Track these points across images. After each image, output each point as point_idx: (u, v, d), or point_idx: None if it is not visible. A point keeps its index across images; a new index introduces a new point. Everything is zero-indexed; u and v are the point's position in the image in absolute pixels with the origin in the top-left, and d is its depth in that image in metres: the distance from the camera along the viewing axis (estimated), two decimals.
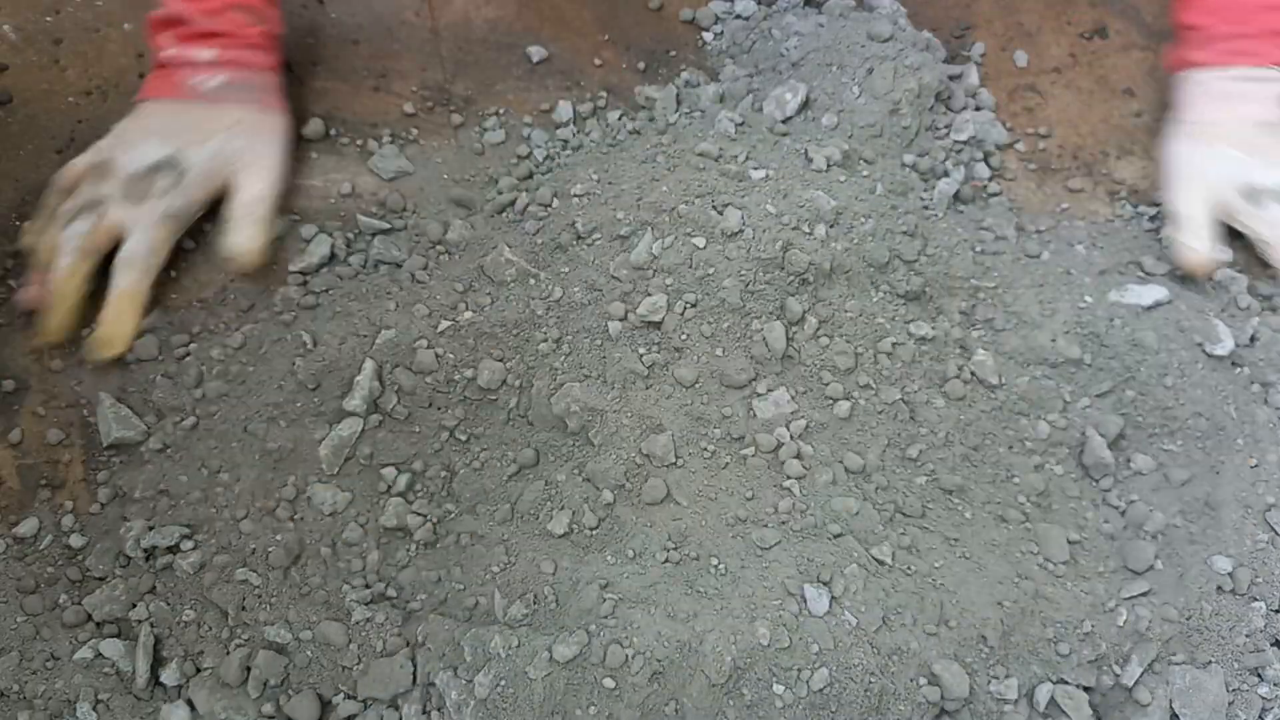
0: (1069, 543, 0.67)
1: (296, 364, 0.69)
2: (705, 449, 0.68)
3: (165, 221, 0.70)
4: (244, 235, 0.71)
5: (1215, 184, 0.76)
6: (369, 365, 0.68)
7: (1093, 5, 0.87)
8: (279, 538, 0.66)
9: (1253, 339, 0.74)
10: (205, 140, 0.72)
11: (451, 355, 0.69)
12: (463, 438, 0.69)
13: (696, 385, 0.69)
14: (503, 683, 0.60)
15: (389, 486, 0.67)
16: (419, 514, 0.67)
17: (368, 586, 0.65)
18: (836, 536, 0.66)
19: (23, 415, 0.70)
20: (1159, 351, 0.71)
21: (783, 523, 0.67)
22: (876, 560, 0.65)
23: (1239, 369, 0.73)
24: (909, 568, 0.66)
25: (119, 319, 0.69)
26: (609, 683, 0.60)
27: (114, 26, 0.81)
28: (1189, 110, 0.79)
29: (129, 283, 0.70)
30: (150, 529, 0.66)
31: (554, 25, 0.84)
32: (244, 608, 0.64)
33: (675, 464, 0.67)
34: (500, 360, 0.69)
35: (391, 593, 0.65)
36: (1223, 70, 0.77)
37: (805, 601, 0.63)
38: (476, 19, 0.84)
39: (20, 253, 0.73)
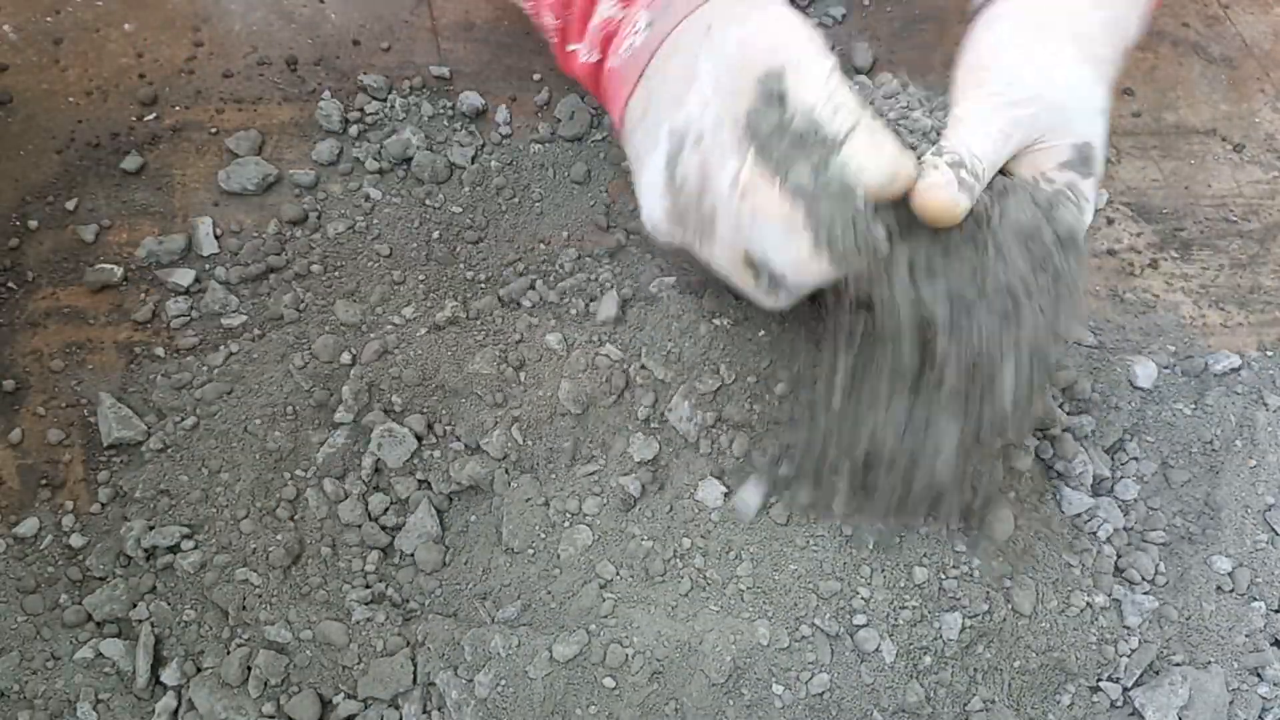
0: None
1: (295, 364, 0.69)
2: None
3: (754, 194, 0.48)
4: (873, 151, 0.48)
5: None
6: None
7: None
8: (279, 538, 0.66)
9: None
10: (683, 96, 0.50)
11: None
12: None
13: None
14: (503, 682, 0.60)
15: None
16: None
17: (368, 586, 0.65)
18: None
19: (23, 415, 0.70)
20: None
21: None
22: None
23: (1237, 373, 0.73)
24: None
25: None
26: (609, 682, 0.60)
27: (114, 26, 0.81)
28: None
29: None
30: (150, 529, 0.66)
31: None
32: (244, 608, 0.64)
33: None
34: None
35: (392, 592, 0.65)
36: None
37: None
38: (476, 19, 0.84)
39: (20, 251, 0.73)
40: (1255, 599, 0.67)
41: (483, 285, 0.74)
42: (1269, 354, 0.75)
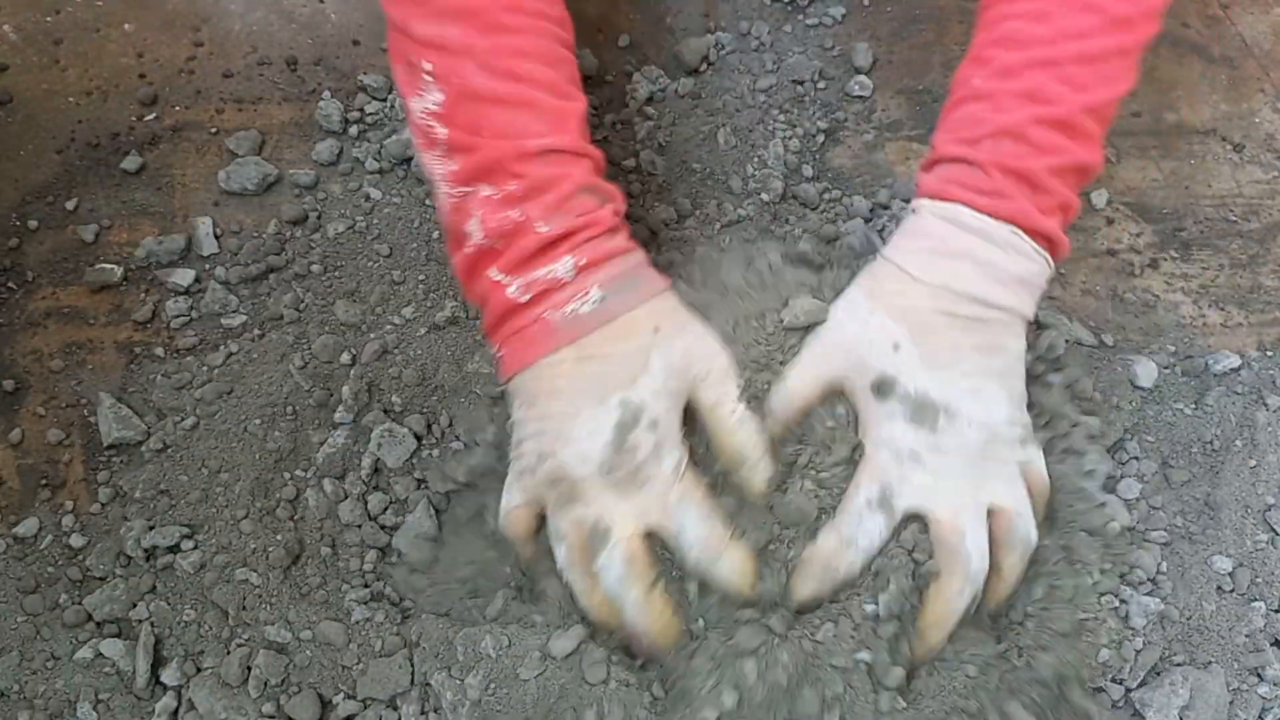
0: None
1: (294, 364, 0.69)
2: None
3: (688, 485, 0.57)
4: (759, 477, 0.59)
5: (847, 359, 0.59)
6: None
7: None
8: (279, 537, 0.66)
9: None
10: (638, 377, 0.56)
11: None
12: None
13: None
14: (493, 684, 0.60)
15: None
16: None
17: (366, 586, 0.65)
18: None
19: (23, 415, 0.70)
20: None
21: None
22: None
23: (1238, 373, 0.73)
24: None
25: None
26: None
27: (114, 26, 0.81)
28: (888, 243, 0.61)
29: (715, 568, 0.58)
30: (150, 529, 0.66)
31: None
32: (244, 607, 0.64)
33: None
34: None
35: (390, 591, 0.65)
36: (934, 204, 0.59)
37: None
38: None
39: (20, 251, 0.73)
40: (1255, 599, 0.67)
41: None
42: (1269, 354, 0.75)
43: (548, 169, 0.55)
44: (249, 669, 0.62)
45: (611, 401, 0.55)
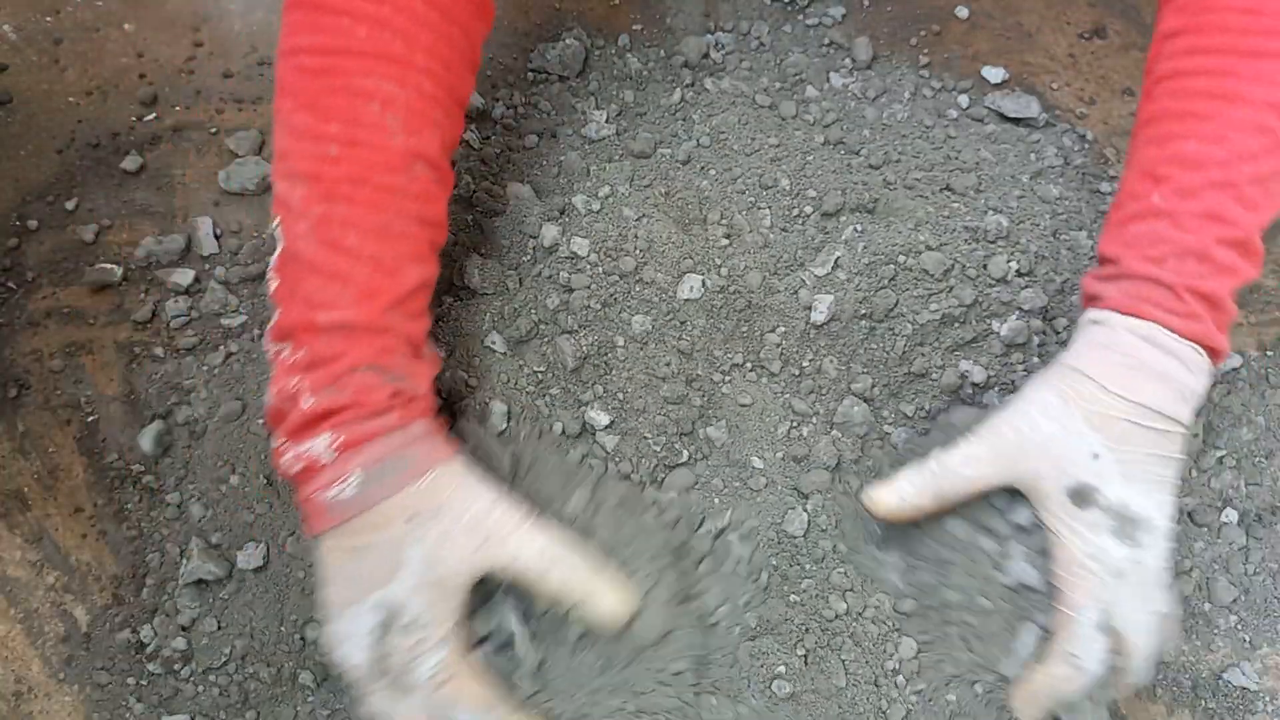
0: None
1: None
2: None
3: (456, 684, 0.54)
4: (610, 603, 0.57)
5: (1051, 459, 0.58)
6: None
7: (1092, 5, 0.87)
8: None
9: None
10: (395, 572, 0.54)
11: None
12: None
13: None
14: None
15: None
16: None
17: None
18: None
19: (23, 415, 0.70)
20: None
21: None
22: None
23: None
24: None
25: None
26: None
27: (114, 26, 0.81)
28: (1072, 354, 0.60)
29: None
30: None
31: (555, 25, 0.84)
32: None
33: None
34: None
35: None
36: (1128, 320, 0.59)
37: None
38: None
39: (20, 251, 0.73)
40: None
41: None
42: (1269, 354, 0.75)
43: (330, 345, 0.54)
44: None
45: (368, 601, 0.54)
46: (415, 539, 0.54)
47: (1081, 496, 0.56)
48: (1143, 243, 0.59)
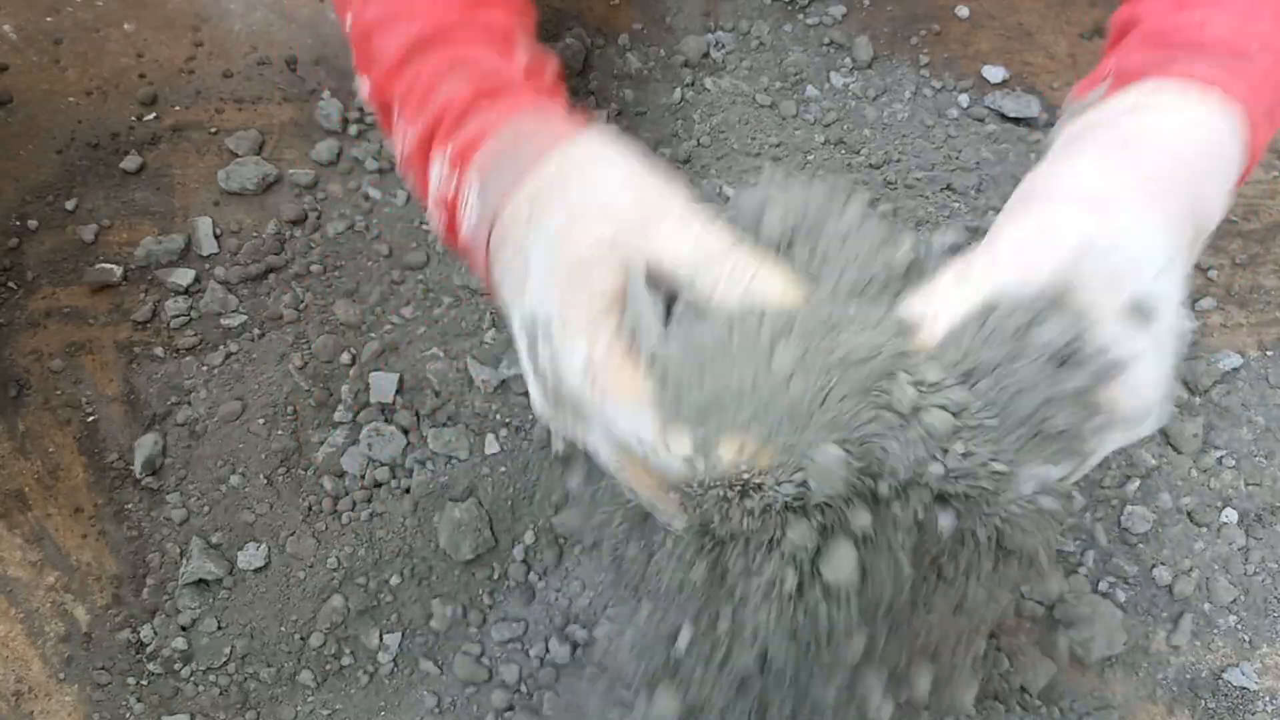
0: None
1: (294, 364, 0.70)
2: None
3: (603, 380, 0.43)
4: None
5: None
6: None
7: (1092, 5, 0.87)
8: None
9: None
10: (524, 280, 0.45)
11: None
12: None
13: None
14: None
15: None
16: None
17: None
18: None
19: (23, 415, 0.70)
20: None
21: None
22: None
23: None
24: None
25: None
26: None
27: (114, 26, 0.81)
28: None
29: None
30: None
31: (555, 25, 0.84)
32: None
33: None
34: None
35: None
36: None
37: None
38: None
39: (20, 251, 0.73)
40: None
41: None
42: (1269, 354, 0.75)
43: (410, 73, 0.49)
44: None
45: (514, 327, 0.47)
46: (537, 237, 0.45)
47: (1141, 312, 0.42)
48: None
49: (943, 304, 0.42)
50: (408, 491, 0.67)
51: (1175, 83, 0.46)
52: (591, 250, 0.44)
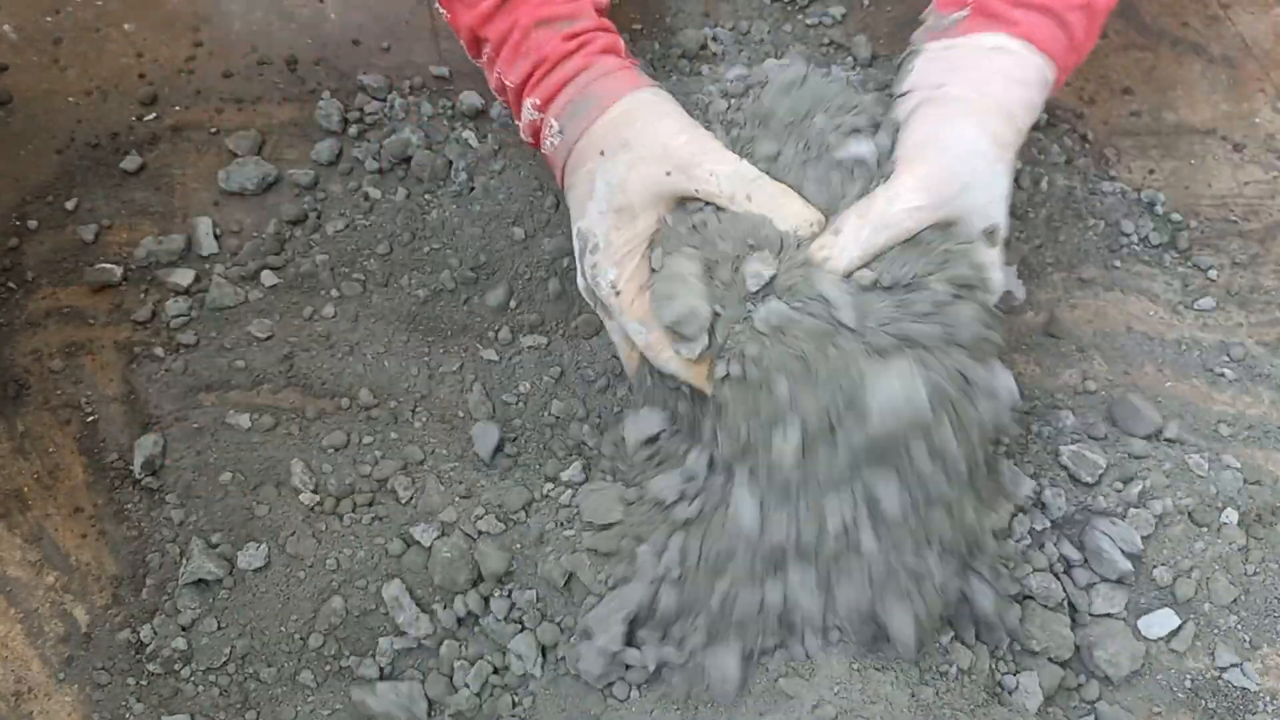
0: None
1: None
2: None
3: (626, 297, 0.60)
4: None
5: None
6: None
7: None
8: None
9: None
10: (586, 203, 0.61)
11: None
12: None
13: None
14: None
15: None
16: None
17: None
18: None
19: (23, 415, 0.70)
20: None
21: None
22: None
23: None
24: None
25: None
26: None
27: (114, 26, 0.81)
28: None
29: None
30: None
31: None
32: None
33: None
34: None
35: None
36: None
37: None
38: None
39: (20, 251, 0.73)
40: None
41: None
42: (1269, 353, 0.75)
43: (501, 24, 0.62)
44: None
45: (573, 231, 0.62)
46: (604, 169, 0.59)
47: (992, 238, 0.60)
48: None
49: (844, 246, 0.55)
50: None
51: (1021, 44, 0.61)
52: (639, 197, 0.59)
